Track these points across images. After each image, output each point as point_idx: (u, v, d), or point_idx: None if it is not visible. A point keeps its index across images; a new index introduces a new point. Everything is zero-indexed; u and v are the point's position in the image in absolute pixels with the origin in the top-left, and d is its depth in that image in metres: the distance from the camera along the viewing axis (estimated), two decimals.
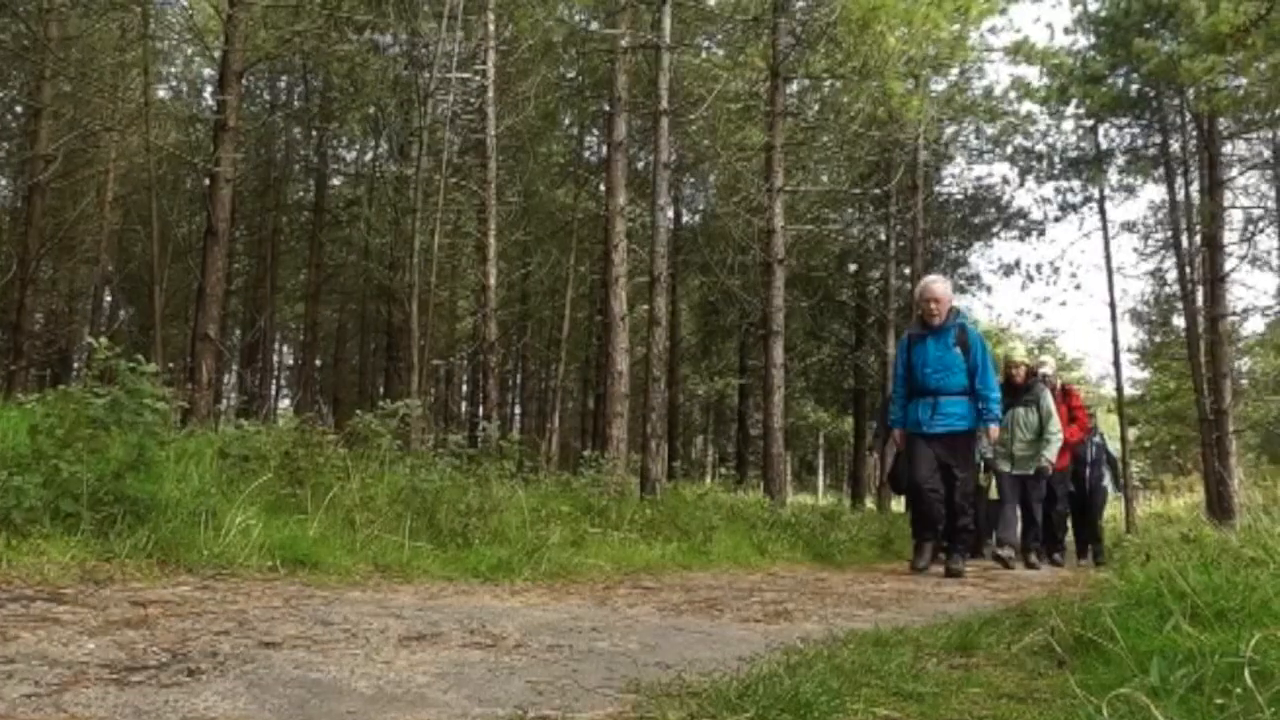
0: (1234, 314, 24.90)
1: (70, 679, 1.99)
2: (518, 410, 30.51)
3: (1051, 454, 10.93)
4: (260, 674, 2.14)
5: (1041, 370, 11.89)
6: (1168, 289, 30.95)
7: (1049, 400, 11.27)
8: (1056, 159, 27.55)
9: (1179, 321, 28.98)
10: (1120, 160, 27.08)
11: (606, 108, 16.05)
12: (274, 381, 33.40)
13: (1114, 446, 16.11)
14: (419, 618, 3.17)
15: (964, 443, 8.83)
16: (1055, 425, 11.07)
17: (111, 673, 2.07)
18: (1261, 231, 25.46)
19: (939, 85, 23.23)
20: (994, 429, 9.05)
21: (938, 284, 9.21)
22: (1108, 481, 14.17)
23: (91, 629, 2.52)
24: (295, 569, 4.27)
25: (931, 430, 8.66)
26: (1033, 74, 23.60)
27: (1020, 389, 11.25)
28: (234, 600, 3.29)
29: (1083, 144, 27.49)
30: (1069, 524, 14.14)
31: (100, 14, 18.53)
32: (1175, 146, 25.84)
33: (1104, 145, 27.25)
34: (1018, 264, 31.95)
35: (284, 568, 4.23)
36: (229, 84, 13.47)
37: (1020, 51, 21.23)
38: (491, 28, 16.30)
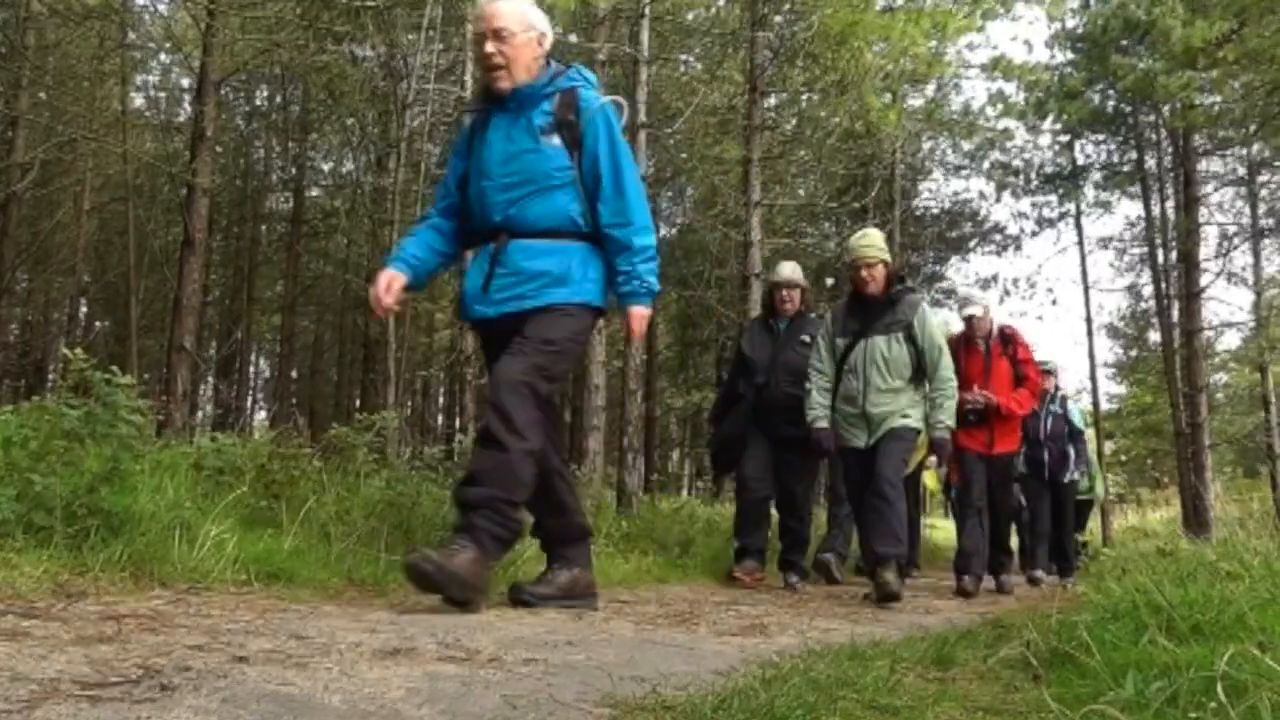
0: (1209, 329, 25.08)
1: (42, 695, 1.97)
2: None
3: (946, 416, 7.52)
4: (233, 689, 2.13)
5: (967, 311, 9.12)
6: (1144, 304, 31.23)
7: (933, 326, 7.63)
8: (1033, 174, 27.71)
9: (1155, 336, 29.19)
10: (1097, 176, 27.25)
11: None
12: (250, 393, 33.32)
13: (1080, 414, 12.66)
14: (393, 632, 3.16)
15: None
16: (947, 369, 7.54)
17: (83, 688, 2.05)
18: (1236, 248, 25.65)
19: (916, 100, 23.34)
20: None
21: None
22: (1074, 468, 11.72)
23: (64, 643, 2.51)
24: (269, 583, 4.26)
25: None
26: (1010, 89, 23.65)
27: (874, 304, 7.54)
28: (208, 614, 3.28)
29: (1059, 159, 27.66)
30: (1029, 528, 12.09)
31: (78, 23, 18.46)
32: (1151, 163, 26.02)
33: (1080, 161, 27.44)
34: (995, 278, 32.01)
35: (258, 581, 4.21)
36: (207, 94, 13.43)
37: (998, 67, 21.31)
38: (470, 39, 16.30)
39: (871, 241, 7.65)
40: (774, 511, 8.78)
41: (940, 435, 7.53)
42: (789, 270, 8.73)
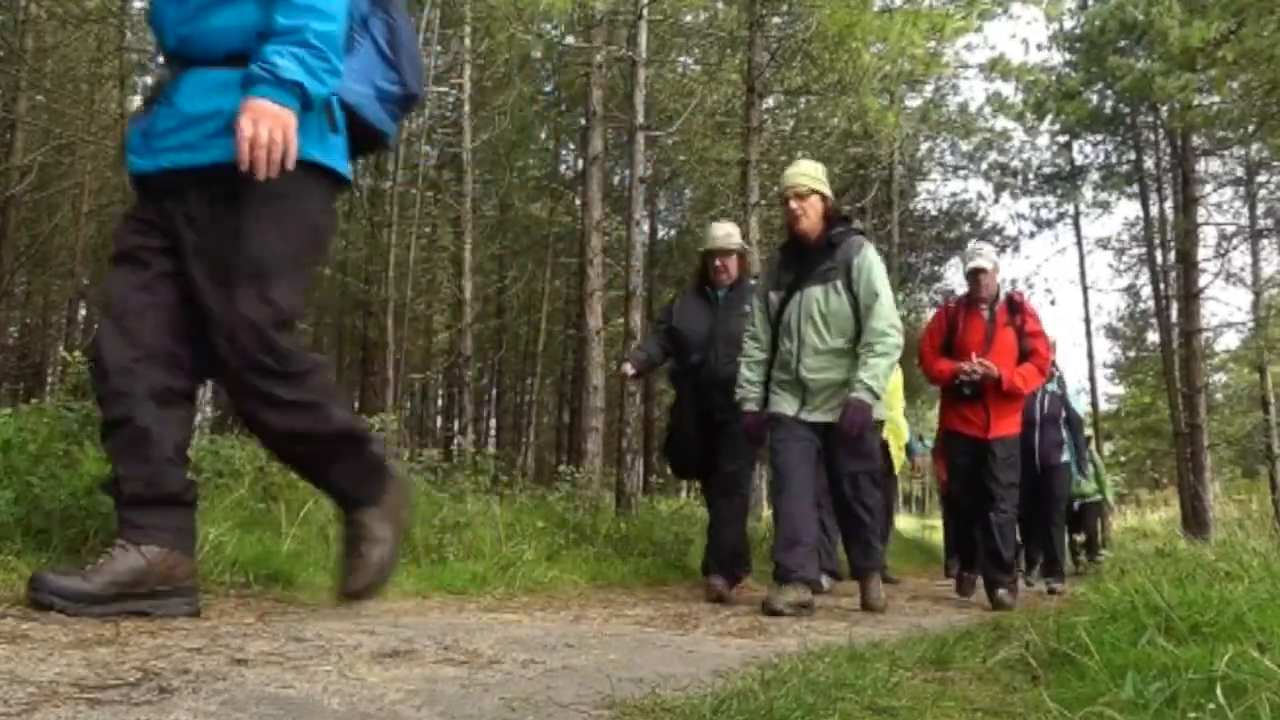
0: (1208, 330, 25.08)
1: (40, 698, 1.97)
2: (493, 424, 30.45)
3: (869, 375, 6.00)
4: (232, 692, 2.13)
5: (973, 263, 7.81)
6: (1142, 305, 31.25)
7: (874, 267, 6.23)
8: (1031, 175, 27.75)
9: (1153, 337, 29.23)
10: (1095, 176, 27.29)
11: (583, 122, 16.09)
12: None
13: (1077, 397, 11.40)
14: (392, 634, 3.16)
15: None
16: (883, 319, 6.10)
17: (82, 691, 2.05)
18: (1235, 248, 25.66)
19: (914, 101, 23.39)
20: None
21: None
22: (1068, 455, 10.44)
23: (62, 646, 2.51)
24: (268, 585, 4.26)
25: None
26: (1008, 90, 23.71)
27: (812, 250, 6.36)
28: (206, 617, 3.28)
29: (1058, 160, 27.71)
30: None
31: (76, 26, 18.47)
32: (1149, 163, 26.06)
33: (1079, 161, 27.48)
34: None
35: (257, 584, 4.22)
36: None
37: (996, 68, 21.35)
38: (468, 42, 16.34)
39: (804, 170, 6.48)
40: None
41: (858, 398, 5.96)
42: (723, 234, 7.57)
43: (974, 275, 7.79)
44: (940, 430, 8.32)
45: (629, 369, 7.80)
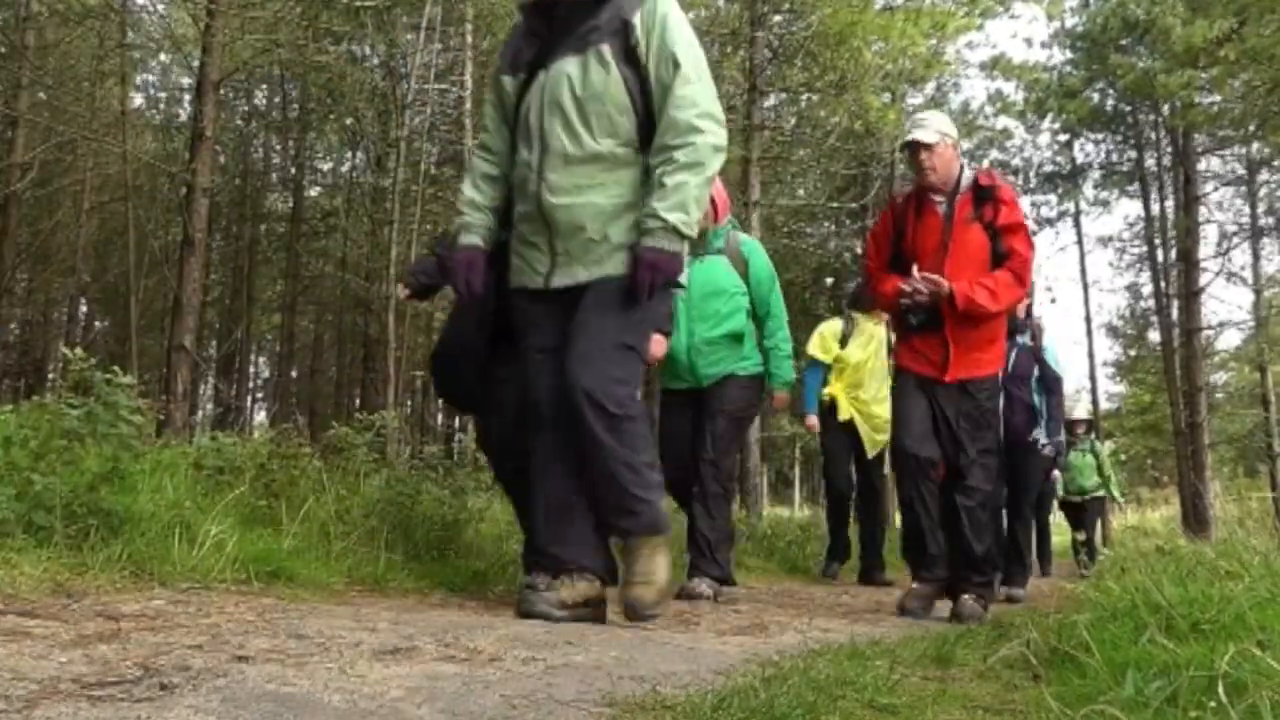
0: (1209, 328, 25.13)
1: (41, 694, 1.97)
2: None
3: (677, 206, 3.89)
4: (233, 689, 2.13)
5: (911, 134, 5.78)
6: (1143, 303, 31.31)
7: (671, 25, 4.04)
8: (1032, 173, 27.80)
9: (1154, 336, 29.28)
10: (1096, 175, 27.32)
11: None
12: (250, 393, 33.30)
13: (1055, 355, 8.75)
14: (393, 631, 3.16)
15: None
16: (695, 100, 3.97)
17: (83, 687, 2.05)
18: (1236, 247, 25.70)
19: (916, 99, 23.35)
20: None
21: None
22: (1040, 431, 8.41)
23: (63, 643, 2.51)
24: (269, 582, 4.25)
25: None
26: (1009, 88, 23.75)
27: (565, 7, 4.14)
28: (207, 614, 3.28)
29: (1058, 158, 27.76)
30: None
31: (78, 22, 18.48)
32: (1151, 162, 26.10)
33: (1080, 160, 27.53)
34: None
35: (258, 581, 4.21)
36: (206, 94, 13.41)
37: (997, 66, 21.35)
38: (469, 39, 16.35)
39: None
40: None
41: (652, 245, 3.87)
42: None
43: (912, 152, 5.84)
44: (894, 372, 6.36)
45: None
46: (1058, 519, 14.84)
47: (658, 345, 5.71)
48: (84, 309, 29.45)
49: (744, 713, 2.23)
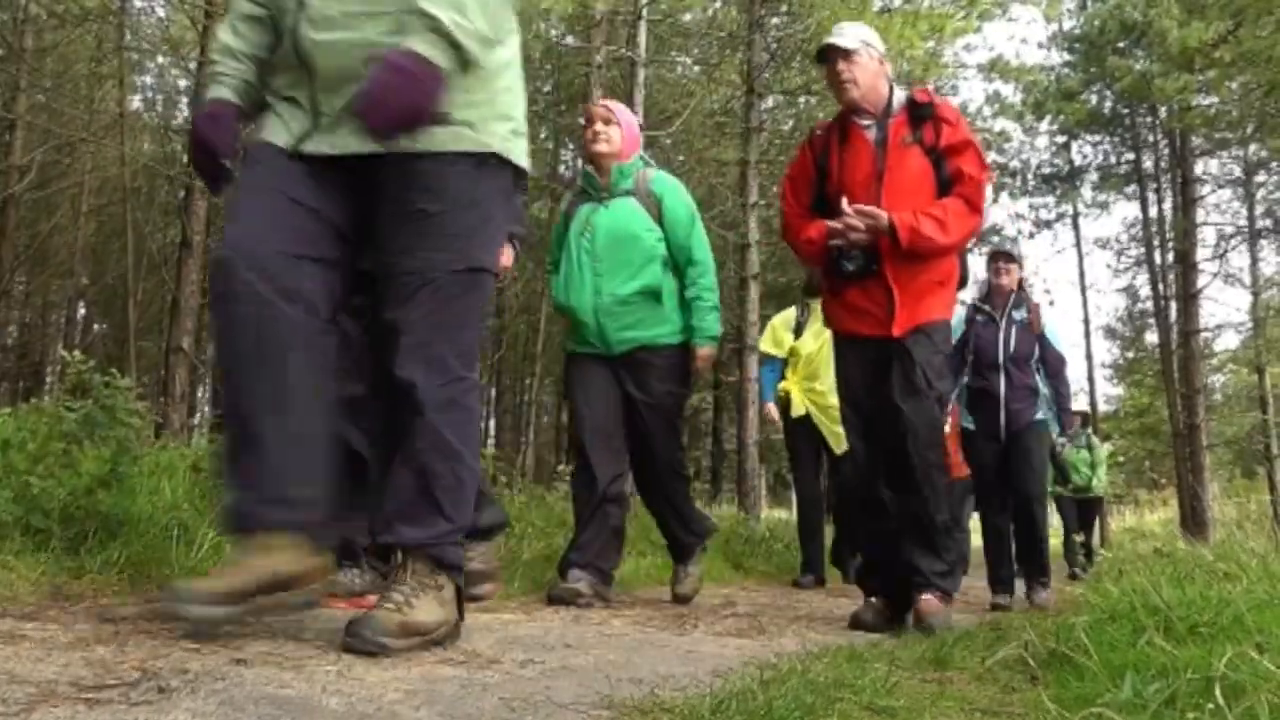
0: (1207, 330, 25.14)
1: (39, 697, 1.97)
2: (492, 424, 30.45)
3: (450, 7, 2.87)
4: (231, 692, 2.13)
5: (826, 41, 4.99)
6: (1141, 305, 31.31)
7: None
8: (1030, 175, 27.82)
9: (1152, 337, 29.28)
10: (1094, 177, 27.35)
11: (582, 122, 16.10)
12: None
13: (1056, 335, 7.78)
14: None
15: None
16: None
17: (80, 691, 2.05)
18: (1234, 249, 25.71)
19: None
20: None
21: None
22: (1043, 408, 7.47)
23: (61, 646, 2.51)
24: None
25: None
26: (1007, 90, 23.80)
27: None
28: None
29: (1056, 160, 27.77)
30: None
31: (76, 25, 18.48)
32: (1148, 163, 26.12)
33: (1078, 162, 27.56)
34: None
35: None
36: (204, 95, 13.40)
37: (995, 68, 21.37)
38: None
39: None
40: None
41: (404, 51, 2.84)
42: None
43: (828, 64, 5.00)
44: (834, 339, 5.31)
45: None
46: (1054, 522, 14.52)
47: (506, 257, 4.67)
48: (82, 311, 29.45)
49: (742, 715, 2.23)
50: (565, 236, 5.69)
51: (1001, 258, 7.76)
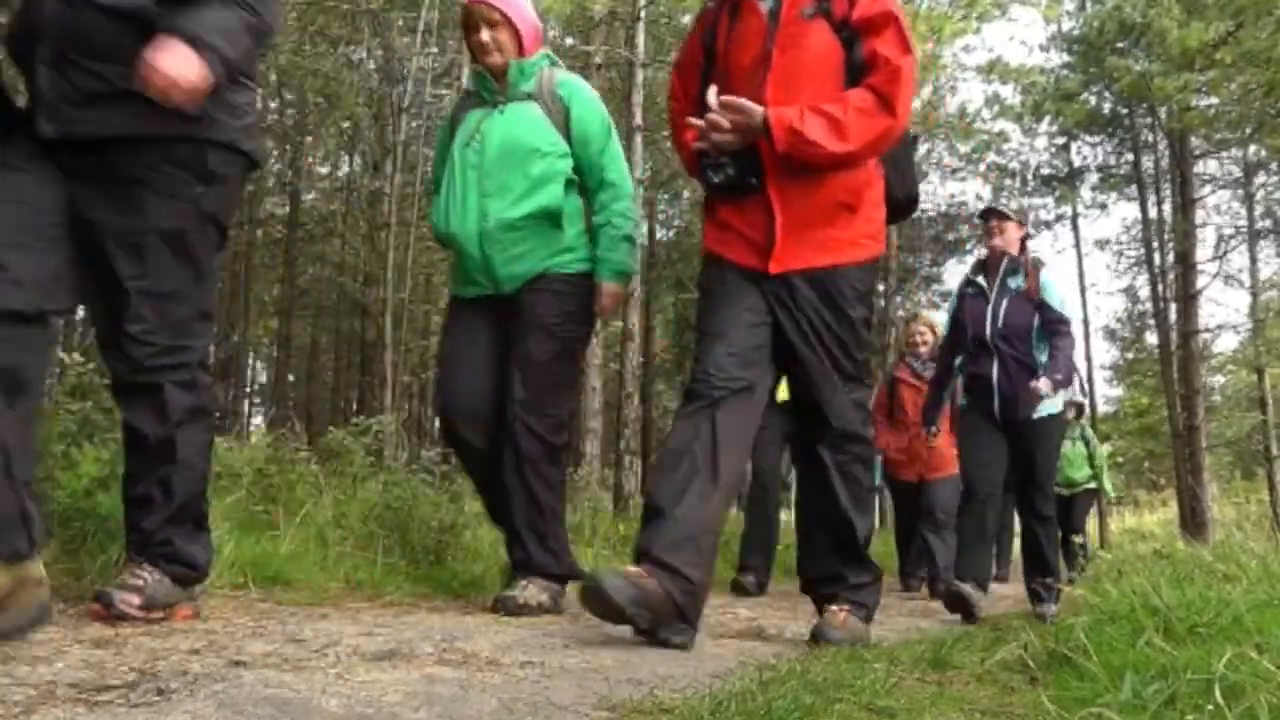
0: (1206, 331, 25.12)
1: (38, 699, 1.97)
2: None
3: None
4: (231, 693, 2.13)
5: None
6: (1140, 306, 31.31)
7: None
8: (1030, 176, 27.81)
9: (1152, 338, 29.27)
10: (1093, 178, 27.35)
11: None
12: (246, 397, 33.26)
13: (1057, 295, 6.48)
14: (391, 635, 3.16)
15: None
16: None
17: (80, 692, 2.05)
18: (1234, 250, 25.69)
19: (914, 102, 23.39)
20: None
21: None
22: (1043, 380, 6.10)
23: (60, 648, 2.51)
24: (267, 586, 4.26)
25: None
26: (1007, 91, 23.83)
27: None
28: (204, 618, 3.28)
29: (1056, 161, 27.78)
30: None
31: None
32: (1148, 164, 26.11)
33: (1077, 163, 27.55)
34: None
35: (255, 585, 4.21)
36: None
37: (994, 69, 21.38)
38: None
39: None
40: None
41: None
42: None
43: None
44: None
45: None
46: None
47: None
48: (80, 313, 29.41)
49: (742, 715, 2.23)
50: (450, 149, 4.66)
51: (992, 215, 6.64)
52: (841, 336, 3.78)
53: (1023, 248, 6.63)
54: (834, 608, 3.92)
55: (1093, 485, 12.97)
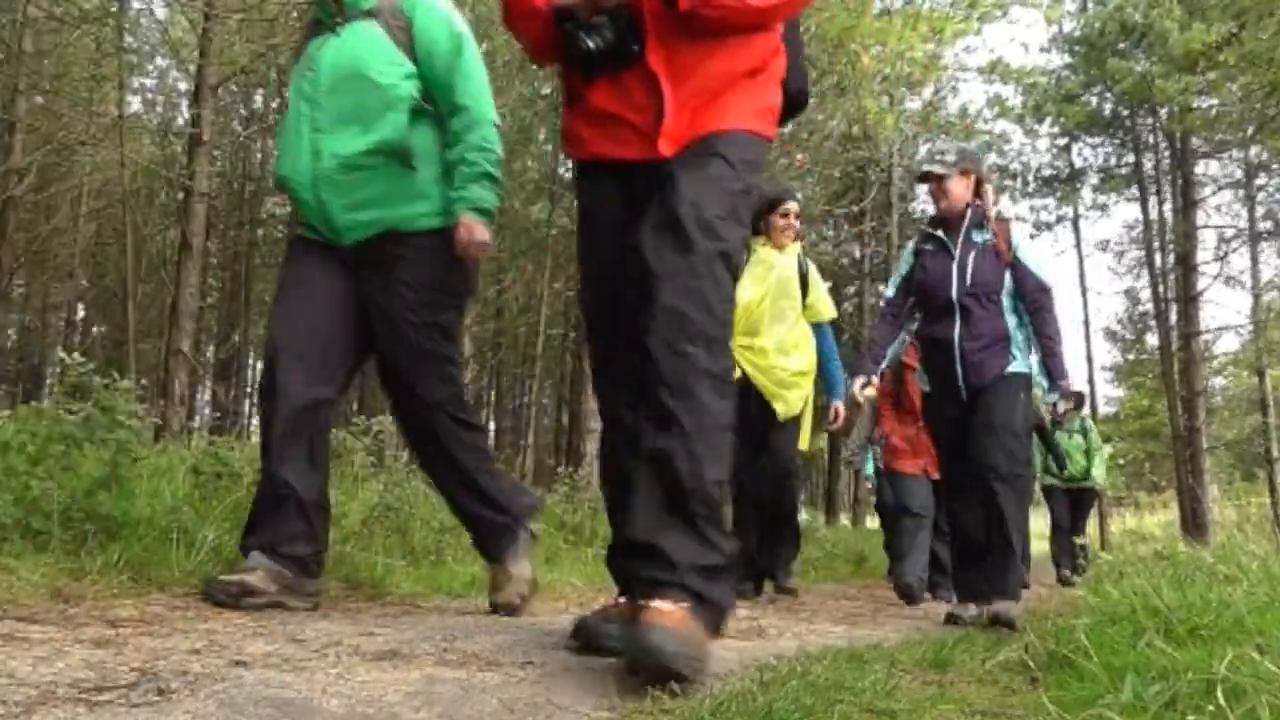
0: (1207, 332, 25.13)
1: (39, 699, 1.97)
2: (492, 427, 30.47)
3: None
4: (231, 693, 2.13)
5: None
6: (1141, 307, 31.33)
7: None
8: (1031, 177, 27.84)
9: (1153, 340, 29.28)
10: (1094, 179, 27.38)
11: None
12: (248, 397, 33.25)
13: (1033, 259, 5.61)
14: (391, 636, 3.16)
15: None
16: None
17: (80, 692, 2.05)
18: (1234, 251, 25.71)
19: (914, 103, 23.38)
20: None
21: None
22: (1032, 360, 5.52)
23: (61, 648, 2.50)
24: None
25: None
26: (1008, 92, 23.86)
27: None
28: (205, 619, 3.27)
29: (1057, 162, 27.80)
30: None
31: (75, 27, 18.46)
32: (1149, 166, 26.14)
33: (1078, 164, 27.57)
34: None
35: None
36: (204, 98, 13.41)
37: (995, 70, 21.39)
38: None
39: None
40: None
41: None
42: None
43: None
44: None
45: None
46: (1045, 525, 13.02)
47: None
48: (81, 313, 29.45)
49: (742, 716, 2.23)
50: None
51: (929, 179, 5.85)
52: (723, 206, 2.82)
53: (979, 192, 5.77)
54: (656, 602, 2.59)
55: (1089, 484, 12.39)
